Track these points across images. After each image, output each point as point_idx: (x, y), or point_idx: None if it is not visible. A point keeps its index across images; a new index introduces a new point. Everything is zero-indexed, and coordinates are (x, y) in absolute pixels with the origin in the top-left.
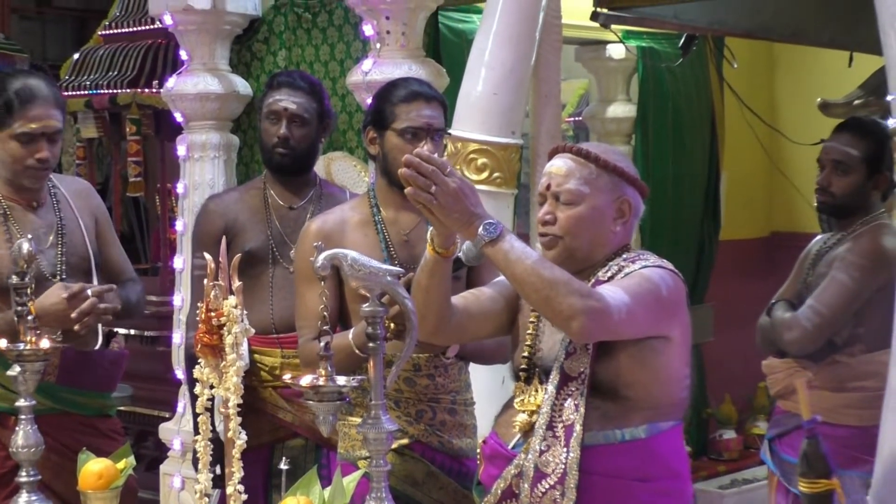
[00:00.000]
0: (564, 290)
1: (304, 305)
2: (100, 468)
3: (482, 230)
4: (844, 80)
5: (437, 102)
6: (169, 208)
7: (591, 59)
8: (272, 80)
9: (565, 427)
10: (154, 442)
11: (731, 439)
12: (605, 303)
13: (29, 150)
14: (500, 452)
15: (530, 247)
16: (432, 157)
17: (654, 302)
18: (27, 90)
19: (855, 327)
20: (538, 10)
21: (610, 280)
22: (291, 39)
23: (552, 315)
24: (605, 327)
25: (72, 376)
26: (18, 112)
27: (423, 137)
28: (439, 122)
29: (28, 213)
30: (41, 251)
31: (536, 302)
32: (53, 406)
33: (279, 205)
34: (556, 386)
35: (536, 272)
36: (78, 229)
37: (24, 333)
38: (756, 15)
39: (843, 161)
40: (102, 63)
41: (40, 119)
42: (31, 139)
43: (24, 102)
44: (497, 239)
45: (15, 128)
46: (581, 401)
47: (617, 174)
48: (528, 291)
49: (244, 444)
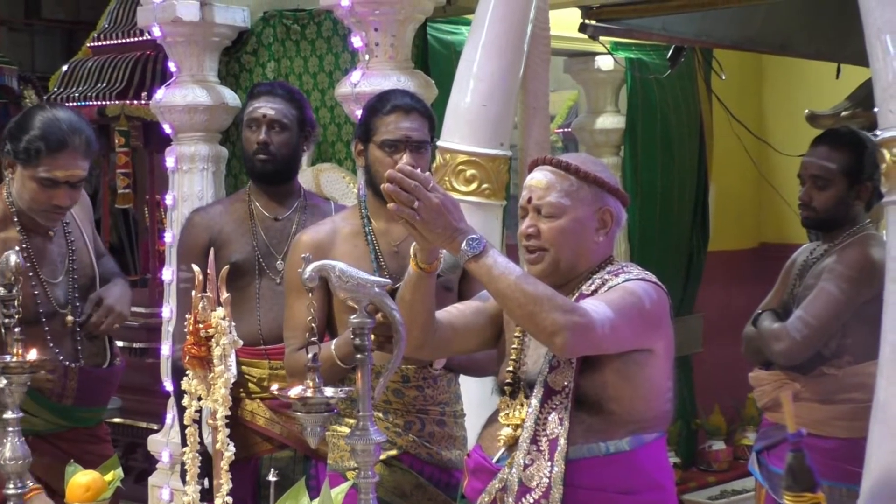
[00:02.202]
0: (548, 306)
1: (292, 316)
2: (88, 480)
3: (465, 245)
4: (832, 91)
5: (417, 114)
6: (158, 220)
7: (579, 71)
8: (252, 90)
9: (549, 441)
10: (142, 454)
11: (721, 450)
12: (589, 318)
13: (48, 194)
14: (484, 466)
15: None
16: (415, 172)
17: (638, 316)
18: (57, 135)
19: (842, 338)
20: (526, 21)
21: (594, 294)
22: (280, 51)
23: (536, 331)
24: (589, 342)
25: (86, 396)
26: (47, 157)
27: (402, 150)
28: (420, 134)
29: (46, 244)
30: (55, 284)
31: (520, 318)
32: (65, 424)
33: (264, 216)
34: (539, 400)
35: (520, 288)
36: (84, 248)
37: (10, 345)
38: (744, 27)
39: (822, 175)
40: (91, 75)
41: (66, 168)
42: (53, 185)
43: (54, 149)
44: (480, 254)
45: (39, 171)
46: (565, 415)
47: (597, 185)
48: (512, 307)
49: (232, 455)
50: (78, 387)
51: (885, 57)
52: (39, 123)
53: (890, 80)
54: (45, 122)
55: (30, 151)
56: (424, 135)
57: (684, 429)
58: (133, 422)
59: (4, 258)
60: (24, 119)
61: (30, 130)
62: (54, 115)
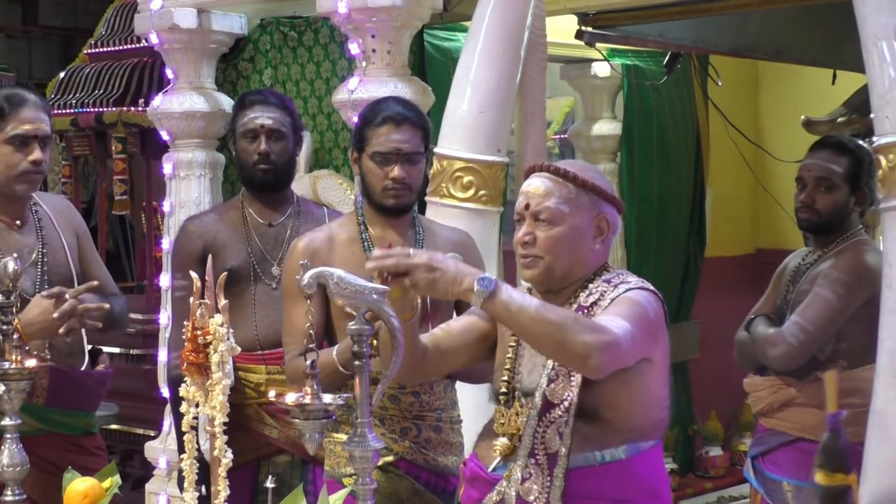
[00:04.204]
0: (576, 329)
1: (290, 322)
2: (85, 487)
3: (478, 286)
4: (828, 97)
5: (408, 125)
6: (155, 226)
7: (576, 77)
8: (242, 99)
9: (548, 455)
10: (139, 460)
11: (718, 456)
12: (614, 334)
13: (23, 153)
14: (479, 475)
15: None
16: (387, 252)
17: (646, 325)
18: (17, 95)
19: (838, 343)
20: (523, 28)
21: (592, 306)
22: (277, 58)
23: (567, 357)
24: (618, 358)
25: (60, 397)
26: (10, 115)
27: (393, 161)
28: (410, 145)
29: (12, 233)
30: (23, 271)
31: (548, 347)
32: (41, 427)
33: (258, 222)
34: (538, 412)
35: (542, 318)
36: (60, 247)
37: (9, 352)
38: (740, 33)
39: (828, 178)
40: (88, 82)
41: (32, 122)
42: (24, 142)
43: (15, 105)
44: (494, 292)
45: (8, 130)
46: (566, 429)
47: (595, 192)
48: (538, 339)
49: (230, 462)
50: (49, 386)
51: (882, 63)
52: None
53: (886, 86)
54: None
55: None
56: (416, 145)
57: (681, 435)
58: (130, 428)
59: (2, 265)
60: None
61: None
62: (4, 88)
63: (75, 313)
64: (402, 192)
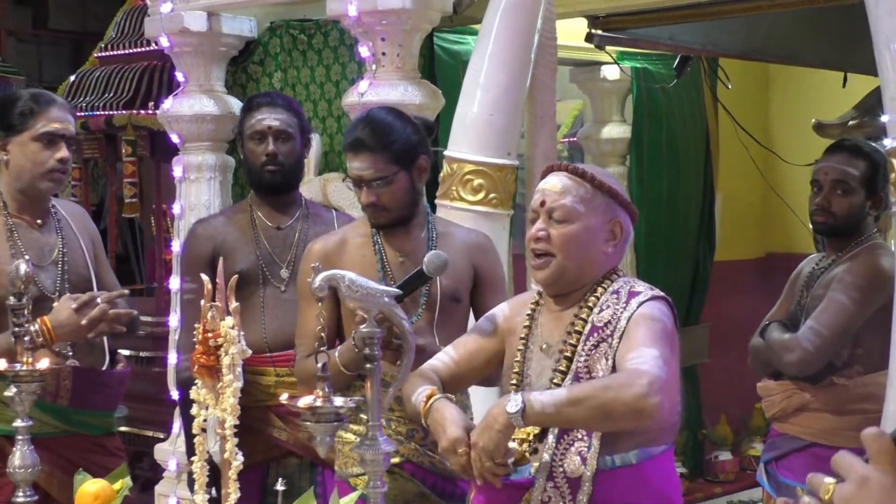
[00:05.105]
0: (613, 394)
1: (303, 324)
2: (96, 489)
3: (509, 411)
4: (839, 100)
5: (366, 153)
6: (164, 229)
7: (585, 80)
8: (249, 102)
9: (569, 480)
10: (149, 462)
11: (727, 461)
12: (648, 373)
13: (51, 150)
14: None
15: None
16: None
17: (668, 339)
18: (45, 94)
19: (854, 348)
20: (533, 31)
21: (606, 326)
22: (287, 61)
23: (622, 421)
24: (663, 390)
25: (83, 398)
26: (40, 113)
27: (361, 187)
28: (371, 172)
29: (33, 231)
30: (44, 268)
31: (600, 422)
32: (65, 428)
33: (267, 225)
34: (556, 436)
35: (579, 401)
36: (79, 249)
37: (20, 354)
38: (750, 36)
39: (845, 181)
40: (98, 85)
41: (61, 121)
42: (52, 140)
43: (45, 104)
44: (524, 408)
45: (38, 128)
46: (589, 454)
47: (611, 196)
48: (588, 423)
49: (241, 465)
50: (73, 387)
51: (894, 66)
52: (22, 94)
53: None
54: (27, 92)
55: (24, 114)
56: (378, 171)
57: (691, 439)
58: (139, 430)
59: (14, 267)
60: (4, 99)
61: (16, 101)
62: (30, 89)
63: (105, 318)
64: (377, 214)
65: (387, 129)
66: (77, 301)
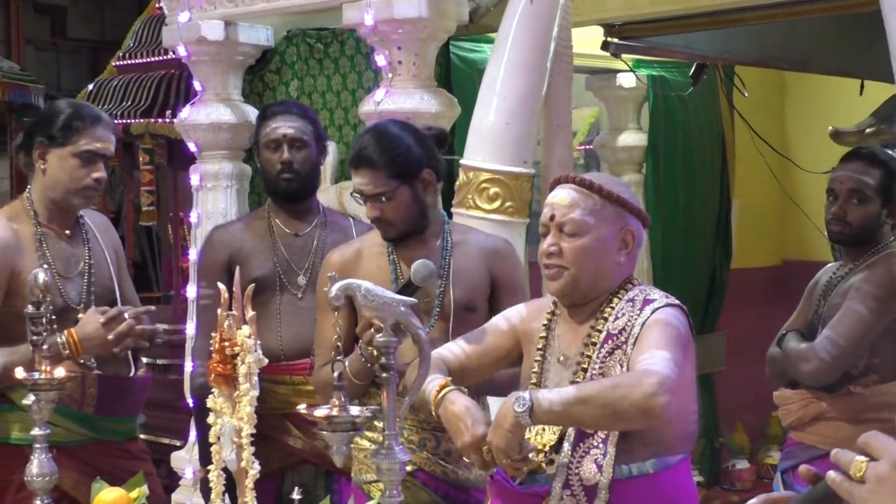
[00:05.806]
0: (624, 390)
1: (321, 333)
2: (113, 497)
3: (516, 410)
4: (856, 108)
5: (365, 168)
6: (181, 237)
7: (601, 88)
8: (264, 111)
9: (585, 488)
10: (165, 470)
11: (744, 469)
12: (658, 372)
13: (87, 169)
14: (507, 489)
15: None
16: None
17: (682, 345)
18: (92, 111)
19: (871, 357)
20: (549, 39)
21: (621, 333)
22: (303, 70)
23: (630, 421)
24: (672, 391)
25: (109, 405)
26: (85, 130)
27: (365, 200)
28: (371, 187)
29: (61, 242)
30: (70, 279)
31: (608, 421)
32: (92, 436)
33: (285, 232)
34: (571, 444)
35: (588, 401)
36: (104, 261)
37: (38, 363)
38: (766, 44)
39: (860, 190)
40: (116, 93)
41: (104, 140)
42: (91, 159)
43: (91, 122)
44: (532, 406)
45: (81, 144)
46: (605, 461)
47: (620, 205)
48: (596, 421)
49: (258, 474)
50: (98, 395)
51: None
52: (69, 106)
53: None
54: (73, 104)
55: (69, 128)
56: (378, 186)
57: (707, 447)
58: (156, 438)
59: (33, 276)
60: (51, 108)
61: (62, 113)
62: (77, 101)
63: (132, 334)
64: (384, 227)
65: (387, 144)
66: (105, 315)
